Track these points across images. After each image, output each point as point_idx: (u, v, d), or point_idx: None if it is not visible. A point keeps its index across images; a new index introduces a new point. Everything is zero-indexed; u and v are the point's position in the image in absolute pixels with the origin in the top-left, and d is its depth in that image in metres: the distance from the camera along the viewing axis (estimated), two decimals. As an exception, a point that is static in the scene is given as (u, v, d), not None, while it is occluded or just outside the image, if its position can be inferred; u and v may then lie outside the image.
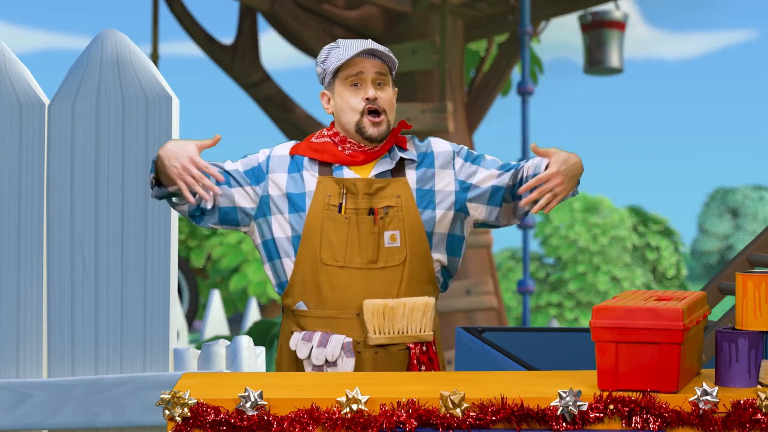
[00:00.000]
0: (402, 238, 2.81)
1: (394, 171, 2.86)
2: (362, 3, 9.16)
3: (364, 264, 2.79)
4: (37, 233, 2.77)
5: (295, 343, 2.83)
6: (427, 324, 2.81)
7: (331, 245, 2.79)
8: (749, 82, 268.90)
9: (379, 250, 2.80)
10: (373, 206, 2.81)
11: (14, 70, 2.80)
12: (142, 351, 2.74)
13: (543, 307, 21.69)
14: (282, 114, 9.79)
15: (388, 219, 2.81)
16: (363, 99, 2.81)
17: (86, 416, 2.68)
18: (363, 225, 2.80)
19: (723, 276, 3.42)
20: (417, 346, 2.81)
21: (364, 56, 2.83)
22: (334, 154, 2.84)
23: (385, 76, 2.83)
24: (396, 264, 2.81)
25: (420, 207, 2.85)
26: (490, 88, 9.84)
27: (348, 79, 2.82)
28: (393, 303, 2.77)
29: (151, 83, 2.75)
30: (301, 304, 2.83)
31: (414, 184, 2.86)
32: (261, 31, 78.64)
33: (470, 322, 9.10)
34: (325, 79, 2.87)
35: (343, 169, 2.84)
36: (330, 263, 2.79)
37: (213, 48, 9.77)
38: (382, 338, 2.76)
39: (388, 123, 2.83)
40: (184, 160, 2.63)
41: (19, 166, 2.78)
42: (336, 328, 2.80)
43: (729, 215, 45.19)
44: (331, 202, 2.81)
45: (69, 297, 2.76)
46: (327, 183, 2.82)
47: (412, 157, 2.87)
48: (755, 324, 2.27)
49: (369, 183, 2.81)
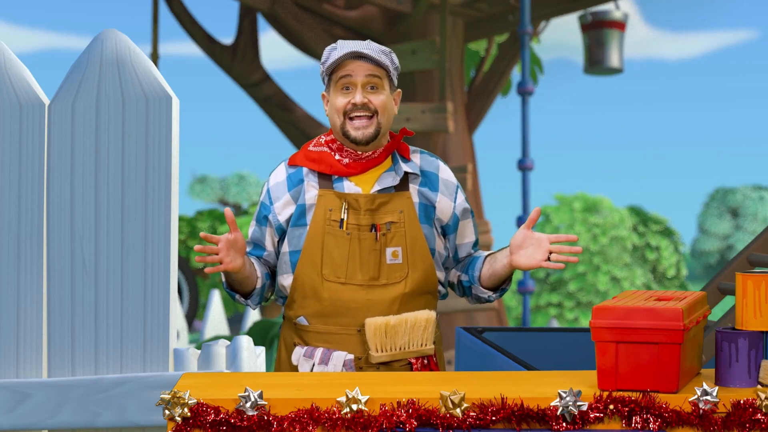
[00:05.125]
0: (404, 254, 2.79)
1: (397, 184, 2.83)
2: (362, 3, 9.16)
3: (366, 281, 2.77)
4: (37, 233, 2.77)
5: (296, 359, 2.83)
6: (429, 338, 2.79)
7: (333, 261, 2.77)
8: (749, 82, 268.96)
9: (381, 266, 2.78)
10: (376, 222, 2.77)
11: (14, 70, 2.80)
12: (142, 351, 2.74)
13: (543, 307, 21.69)
14: (282, 114, 9.79)
15: (390, 235, 2.78)
16: (349, 102, 2.77)
17: (86, 416, 2.69)
18: (365, 241, 2.77)
19: (723, 276, 3.42)
20: (419, 360, 2.79)
21: (355, 59, 2.76)
22: (331, 165, 2.79)
23: (378, 79, 2.76)
24: (397, 281, 2.79)
25: (422, 222, 2.82)
26: (490, 88, 9.84)
27: (339, 82, 2.77)
28: (395, 321, 2.75)
29: (151, 83, 2.75)
30: (302, 319, 2.82)
31: (417, 198, 2.82)
32: (261, 31, 78.40)
33: (470, 322, 9.09)
34: (324, 81, 2.85)
35: (344, 181, 2.80)
36: (331, 279, 2.77)
37: (213, 48, 9.77)
38: (384, 356, 2.75)
39: (378, 125, 2.77)
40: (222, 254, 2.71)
41: (19, 166, 2.78)
42: (337, 344, 2.78)
43: (729, 215, 45.18)
44: (333, 217, 2.77)
45: (69, 297, 2.76)
46: (328, 197, 2.78)
47: (416, 171, 2.83)
48: (755, 324, 2.27)
49: (371, 199, 2.77)
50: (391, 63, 2.81)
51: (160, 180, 2.75)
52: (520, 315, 21.72)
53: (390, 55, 2.80)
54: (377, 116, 2.77)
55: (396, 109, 2.85)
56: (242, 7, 9.81)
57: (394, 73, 2.82)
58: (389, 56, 2.80)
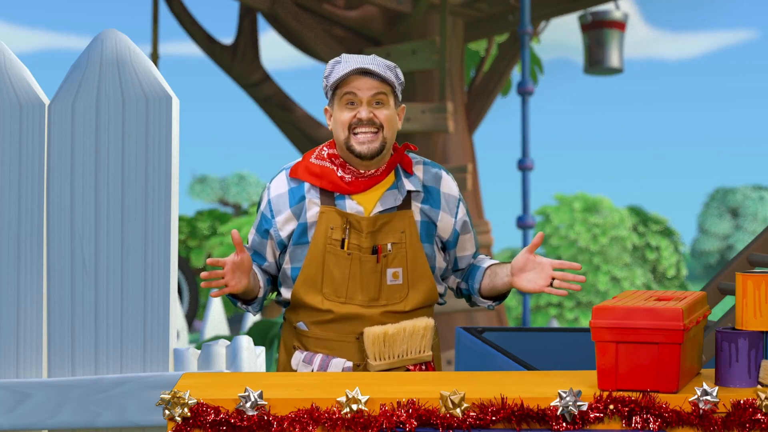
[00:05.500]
0: (404, 274, 2.78)
1: (400, 204, 2.80)
2: (362, 3, 9.16)
3: (366, 302, 2.76)
4: (37, 233, 2.77)
5: (296, 363, 2.83)
6: (427, 345, 2.79)
7: (333, 281, 2.76)
8: (749, 82, 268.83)
9: (381, 288, 2.77)
10: (377, 243, 2.75)
11: (14, 70, 2.80)
12: (142, 351, 2.74)
13: (543, 307, 21.68)
14: (282, 114, 9.79)
15: (392, 256, 2.76)
16: (354, 117, 2.74)
17: (86, 416, 2.68)
18: (366, 263, 2.75)
19: (723, 276, 3.42)
20: (416, 367, 2.80)
21: (361, 75, 2.73)
22: (333, 182, 2.77)
23: (384, 95, 2.74)
24: (397, 302, 2.79)
25: (424, 241, 2.81)
26: (490, 88, 9.84)
27: (344, 98, 2.74)
28: (393, 330, 2.75)
29: (151, 83, 2.75)
30: (301, 324, 2.83)
31: (419, 216, 2.80)
32: (261, 31, 78.33)
33: (470, 322, 9.09)
34: (327, 95, 2.83)
35: (346, 199, 2.78)
36: (332, 299, 2.77)
37: (213, 48, 9.77)
38: (383, 364, 2.75)
39: (383, 140, 2.74)
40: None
41: (19, 166, 2.78)
42: (336, 351, 2.78)
43: (729, 215, 45.17)
44: (334, 236, 2.75)
45: (69, 297, 2.76)
46: (330, 215, 2.76)
47: (418, 188, 2.81)
48: (755, 324, 2.27)
49: (374, 220, 2.75)
50: (396, 78, 2.78)
51: (160, 180, 2.74)
52: (520, 315, 21.72)
53: (395, 70, 2.77)
54: (382, 131, 2.75)
55: (400, 124, 2.83)
56: (242, 7, 9.81)
57: (398, 89, 2.80)
58: (394, 71, 2.77)
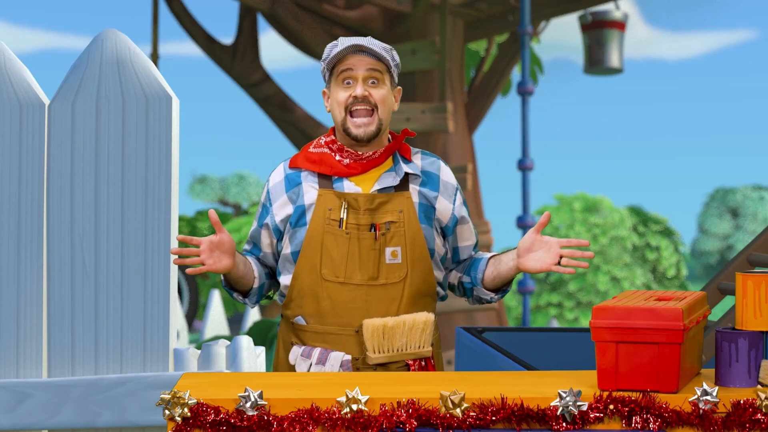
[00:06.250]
0: (403, 254, 2.78)
1: (398, 184, 2.83)
2: (362, 3, 9.16)
3: (365, 280, 2.76)
4: (37, 233, 2.77)
5: (294, 358, 2.82)
6: (426, 340, 2.78)
7: (332, 260, 2.76)
8: (749, 82, 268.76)
9: (380, 266, 2.77)
10: (375, 222, 2.77)
11: (14, 70, 2.80)
12: (142, 351, 2.74)
13: (543, 307, 21.69)
14: (282, 114, 9.79)
15: (390, 235, 2.77)
16: (350, 96, 2.77)
17: (86, 416, 2.68)
18: (364, 241, 2.76)
19: (723, 276, 3.42)
20: (416, 362, 2.79)
21: (356, 53, 2.77)
22: (331, 165, 2.79)
23: (379, 73, 2.77)
24: (396, 281, 2.78)
25: (422, 222, 2.81)
26: (490, 88, 9.84)
27: (340, 76, 2.77)
28: (392, 322, 2.74)
29: (151, 83, 2.75)
30: (299, 318, 2.82)
31: (417, 198, 2.82)
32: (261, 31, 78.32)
33: (470, 322, 9.09)
34: (325, 77, 2.85)
35: (344, 181, 2.80)
36: (330, 279, 2.76)
37: (213, 48, 9.77)
38: (382, 357, 2.74)
39: (379, 121, 2.77)
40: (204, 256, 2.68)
41: (19, 166, 2.78)
42: (335, 345, 2.78)
43: (729, 215, 45.18)
44: (332, 216, 2.77)
45: (69, 297, 2.76)
46: (328, 196, 2.78)
47: (417, 172, 2.83)
48: (755, 324, 2.27)
49: (371, 198, 2.76)
50: (392, 59, 2.81)
51: (160, 180, 2.74)
52: (520, 315, 21.72)
53: (391, 51, 2.81)
54: (377, 111, 2.77)
55: (396, 105, 2.85)
56: (242, 7, 9.81)
57: (394, 70, 2.83)
58: (390, 53, 2.81)
